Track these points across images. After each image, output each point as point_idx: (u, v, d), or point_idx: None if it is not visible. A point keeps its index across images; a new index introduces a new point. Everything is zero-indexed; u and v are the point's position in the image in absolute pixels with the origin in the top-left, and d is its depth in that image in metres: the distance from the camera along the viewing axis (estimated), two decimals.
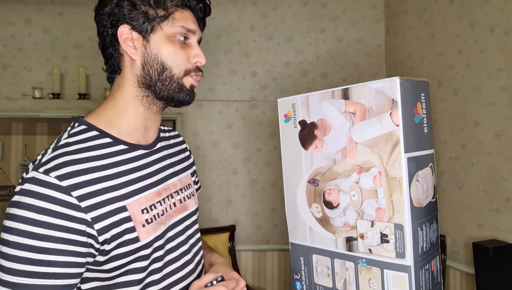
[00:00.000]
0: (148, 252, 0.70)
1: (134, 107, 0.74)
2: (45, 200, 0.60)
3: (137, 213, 0.69)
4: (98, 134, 0.71)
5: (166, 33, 0.72)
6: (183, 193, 0.83)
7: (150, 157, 0.78)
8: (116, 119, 0.74)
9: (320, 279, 0.90)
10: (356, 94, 0.79)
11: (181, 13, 0.74)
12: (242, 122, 2.67)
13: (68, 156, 0.65)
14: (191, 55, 0.75)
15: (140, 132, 0.77)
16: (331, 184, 0.85)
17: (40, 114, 2.53)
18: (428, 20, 2.17)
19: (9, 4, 2.60)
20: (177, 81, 0.74)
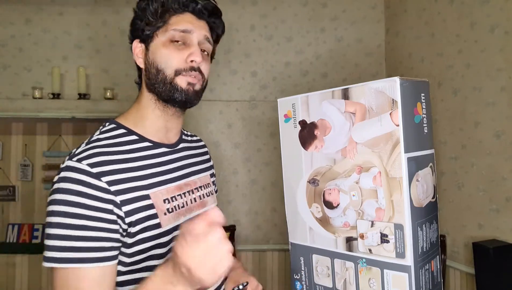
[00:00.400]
0: (167, 239, 0.76)
1: (152, 110, 0.83)
2: (79, 184, 0.68)
3: (159, 202, 0.76)
4: (126, 132, 0.80)
5: (161, 39, 0.79)
6: (202, 190, 0.90)
7: (172, 155, 0.86)
8: (140, 121, 0.83)
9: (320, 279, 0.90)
10: (356, 94, 0.79)
11: (178, 17, 0.80)
12: (242, 122, 2.67)
13: (98, 149, 0.74)
14: (187, 54, 0.79)
15: (162, 133, 0.85)
16: (331, 184, 0.85)
17: (40, 114, 2.52)
18: (428, 20, 2.17)
19: (9, 4, 2.60)
20: (170, 82, 0.78)
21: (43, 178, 2.93)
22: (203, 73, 0.82)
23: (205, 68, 0.83)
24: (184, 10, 0.80)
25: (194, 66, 0.79)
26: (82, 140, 0.81)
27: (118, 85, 2.66)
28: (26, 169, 2.93)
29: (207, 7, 0.83)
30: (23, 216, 2.94)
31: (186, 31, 0.79)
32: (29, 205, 2.95)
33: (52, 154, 2.95)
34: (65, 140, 2.96)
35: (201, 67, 0.81)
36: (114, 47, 2.67)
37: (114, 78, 2.66)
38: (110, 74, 2.67)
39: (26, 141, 2.94)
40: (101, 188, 0.69)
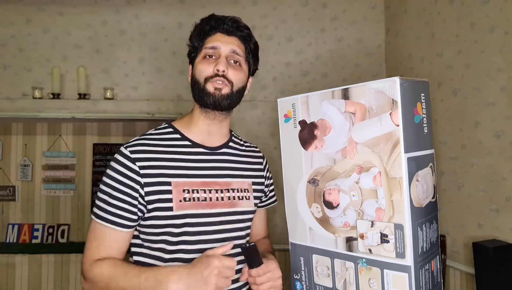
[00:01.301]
0: (179, 222, 0.91)
1: (198, 115, 0.99)
2: (118, 164, 0.91)
3: (178, 190, 0.92)
4: (172, 131, 1.00)
5: (198, 58, 0.98)
6: (235, 193, 1.00)
7: (210, 156, 0.99)
8: (188, 124, 1.01)
9: (320, 279, 0.89)
10: (356, 94, 0.79)
11: (211, 38, 0.97)
12: (242, 122, 2.67)
13: (144, 140, 0.95)
14: (215, 65, 0.94)
15: (205, 136, 1.00)
16: (331, 184, 0.85)
17: (40, 114, 2.53)
18: (428, 20, 2.17)
19: (9, 4, 2.60)
20: (202, 88, 0.94)
21: (43, 178, 2.94)
22: (230, 79, 0.95)
23: (233, 75, 0.95)
24: (215, 31, 0.97)
25: (218, 73, 0.93)
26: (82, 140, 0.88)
27: (118, 85, 2.66)
28: (26, 169, 2.93)
29: (233, 25, 0.98)
30: (23, 216, 2.94)
31: (214, 48, 0.96)
32: (29, 205, 2.95)
33: (52, 154, 2.95)
34: (65, 140, 2.97)
35: (227, 74, 0.94)
36: (114, 47, 2.67)
37: (114, 78, 2.66)
38: (110, 74, 2.67)
39: (26, 141, 2.95)
40: (134, 170, 0.90)
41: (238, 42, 0.99)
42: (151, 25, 2.69)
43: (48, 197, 2.96)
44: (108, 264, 0.88)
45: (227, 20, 0.98)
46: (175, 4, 2.69)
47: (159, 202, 0.90)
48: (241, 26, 1.00)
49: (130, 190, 0.90)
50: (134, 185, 0.90)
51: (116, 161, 0.92)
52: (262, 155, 1.17)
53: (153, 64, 2.67)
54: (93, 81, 2.66)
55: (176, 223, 0.91)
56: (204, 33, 0.98)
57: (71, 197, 3.00)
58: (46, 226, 2.92)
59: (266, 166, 1.16)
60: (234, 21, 0.99)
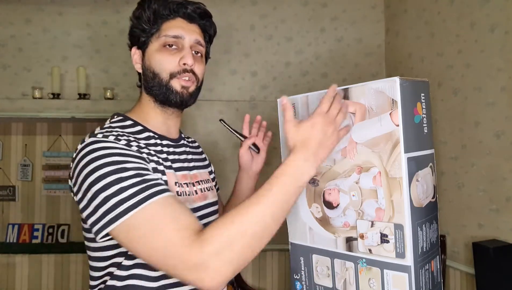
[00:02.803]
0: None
1: (152, 109, 0.88)
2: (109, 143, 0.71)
3: (171, 183, 0.82)
4: (133, 123, 0.86)
5: (155, 45, 0.85)
6: (203, 184, 0.94)
7: (176, 148, 0.91)
8: (143, 117, 0.88)
9: (320, 279, 0.89)
10: (356, 94, 0.79)
11: (169, 23, 0.85)
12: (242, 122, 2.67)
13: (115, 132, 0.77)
14: (179, 58, 0.84)
15: (164, 128, 0.90)
16: (331, 184, 0.85)
17: (40, 114, 2.52)
18: (428, 20, 2.17)
19: (9, 4, 2.60)
20: (165, 85, 0.84)
21: (43, 178, 2.93)
22: (197, 74, 0.86)
23: (198, 69, 0.87)
24: (175, 15, 0.85)
25: (187, 68, 0.84)
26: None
27: (118, 85, 2.66)
28: (26, 169, 2.93)
29: (197, 11, 0.87)
30: (23, 216, 2.94)
31: (177, 37, 0.84)
32: (29, 205, 2.95)
33: (52, 154, 2.95)
34: (65, 140, 2.96)
35: (194, 68, 0.85)
36: (114, 47, 2.66)
37: (114, 78, 2.66)
38: (110, 74, 2.66)
39: (26, 141, 2.94)
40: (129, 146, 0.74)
41: (199, 30, 0.89)
42: None
43: (48, 197, 2.96)
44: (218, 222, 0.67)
45: (189, 5, 0.86)
46: None
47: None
48: (203, 14, 0.89)
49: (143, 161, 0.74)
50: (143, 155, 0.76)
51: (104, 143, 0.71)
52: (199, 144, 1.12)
53: None
54: (93, 81, 2.66)
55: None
56: (160, 16, 0.84)
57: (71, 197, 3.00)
58: (46, 226, 2.92)
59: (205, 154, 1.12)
60: (197, 6, 0.87)
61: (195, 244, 0.63)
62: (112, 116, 0.87)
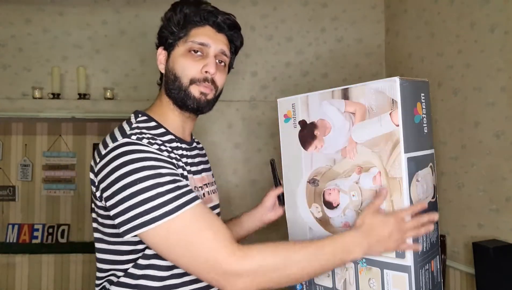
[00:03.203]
0: None
1: (171, 110, 0.89)
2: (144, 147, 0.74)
3: (192, 187, 0.82)
4: (157, 125, 0.86)
5: (181, 49, 0.86)
6: (209, 187, 0.97)
7: (190, 151, 0.94)
8: (163, 117, 0.89)
9: (320, 279, 0.89)
10: (356, 94, 0.79)
11: (198, 30, 0.86)
12: (242, 122, 2.67)
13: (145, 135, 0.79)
14: (202, 65, 0.85)
15: (181, 131, 0.92)
16: (331, 184, 0.85)
17: (40, 114, 2.52)
18: (428, 20, 2.17)
19: (9, 4, 2.60)
20: (184, 90, 0.85)
21: (43, 178, 2.93)
22: (217, 83, 0.88)
23: (219, 79, 0.88)
24: (204, 23, 0.87)
25: (207, 77, 0.85)
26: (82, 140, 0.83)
27: (118, 85, 2.66)
28: (26, 169, 2.93)
29: (226, 22, 0.90)
30: (23, 216, 2.94)
31: (203, 44, 0.86)
32: (29, 205, 2.95)
33: (52, 154, 2.95)
34: (65, 140, 2.96)
35: (215, 78, 0.87)
36: (114, 47, 2.66)
37: (114, 78, 2.66)
38: (110, 74, 2.66)
39: (26, 141, 2.94)
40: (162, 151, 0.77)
41: (226, 40, 0.91)
42: (151, 25, 2.67)
43: (48, 197, 2.96)
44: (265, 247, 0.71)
45: (220, 15, 0.89)
46: None
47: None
48: (232, 25, 0.92)
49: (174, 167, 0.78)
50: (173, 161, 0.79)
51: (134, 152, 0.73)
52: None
53: (153, 64, 2.65)
54: (93, 81, 2.65)
55: None
56: (190, 22, 0.86)
57: (71, 197, 3.00)
58: (46, 226, 2.92)
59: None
60: (227, 17, 0.91)
61: (237, 255, 0.69)
62: (136, 115, 0.88)
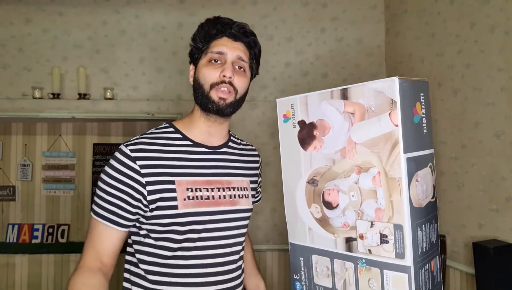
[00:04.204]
0: (184, 220, 0.91)
1: (199, 117, 1.00)
2: (119, 162, 0.90)
3: (182, 189, 0.92)
4: (174, 130, 1.00)
5: (203, 61, 0.98)
6: (236, 191, 1.02)
7: (211, 155, 1.01)
8: (189, 125, 1.01)
9: (320, 280, 0.89)
10: (355, 94, 0.79)
11: (217, 41, 0.97)
12: (242, 122, 2.67)
13: (145, 139, 0.95)
14: (221, 71, 0.94)
15: (205, 136, 1.01)
16: (330, 184, 0.85)
17: (40, 114, 2.53)
18: (428, 20, 2.17)
19: (9, 4, 2.60)
20: (206, 95, 0.95)
21: (43, 178, 2.94)
22: (236, 86, 0.96)
23: (238, 82, 0.97)
24: (222, 35, 0.98)
25: (225, 80, 0.94)
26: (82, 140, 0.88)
27: (118, 85, 2.66)
28: (26, 169, 2.93)
29: (240, 31, 0.99)
30: (23, 216, 2.94)
31: (220, 53, 0.96)
32: (29, 205, 2.95)
33: (52, 154, 2.95)
34: (65, 140, 2.97)
35: (233, 81, 0.95)
36: (114, 47, 2.67)
37: (114, 78, 2.66)
38: (110, 74, 2.67)
39: (26, 141, 2.95)
40: (134, 169, 0.89)
41: (243, 47, 1.00)
42: (151, 25, 2.69)
43: (48, 197, 2.96)
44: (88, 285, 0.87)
45: (235, 25, 0.99)
46: (175, 4, 2.69)
47: (163, 201, 0.91)
48: (247, 32, 1.01)
49: (130, 190, 0.89)
50: (135, 184, 0.89)
51: (116, 160, 0.91)
52: (258, 154, 1.19)
53: (153, 64, 2.67)
54: (93, 81, 2.66)
55: (182, 221, 0.91)
56: (209, 35, 0.98)
57: (71, 197, 3.00)
58: (46, 226, 2.92)
59: (260, 165, 1.19)
60: (241, 27, 1.00)
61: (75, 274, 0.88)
62: (162, 123, 1.02)
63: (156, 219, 0.92)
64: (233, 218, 1.00)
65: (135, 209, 0.91)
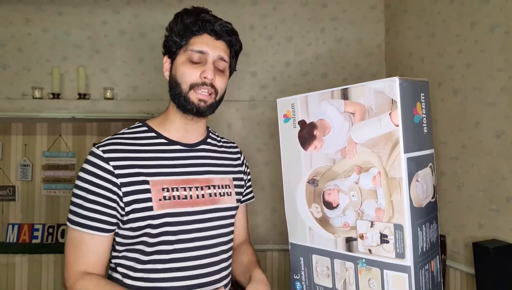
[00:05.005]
0: (158, 222, 0.87)
1: (174, 114, 0.96)
2: (91, 165, 0.86)
3: (157, 189, 0.88)
4: (147, 129, 0.96)
5: (182, 57, 0.92)
6: (216, 189, 0.97)
7: (188, 153, 0.96)
8: (163, 122, 0.97)
9: (320, 279, 0.89)
10: (356, 94, 0.79)
11: (197, 38, 0.92)
12: (242, 122, 2.67)
13: (117, 140, 0.91)
14: (201, 71, 0.90)
15: (182, 134, 0.97)
16: (330, 184, 0.85)
17: (40, 114, 2.52)
18: (428, 20, 2.17)
19: (9, 4, 2.60)
20: (184, 96, 0.91)
21: (43, 178, 2.93)
22: (216, 87, 0.93)
23: (219, 83, 0.93)
24: (202, 32, 0.92)
25: (206, 82, 0.90)
26: (82, 140, 0.88)
27: (118, 85, 2.66)
28: (26, 169, 2.93)
29: (223, 29, 0.94)
30: (23, 216, 2.94)
31: (202, 52, 0.91)
32: (29, 205, 2.95)
33: (52, 154, 2.94)
34: (65, 140, 2.96)
35: (214, 82, 0.92)
36: (114, 47, 2.66)
37: (114, 78, 2.66)
38: (110, 74, 2.66)
39: (26, 141, 2.94)
40: (108, 170, 0.85)
41: (225, 46, 0.96)
42: (151, 25, 2.68)
43: (48, 197, 2.96)
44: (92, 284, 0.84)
45: (217, 23, 0.93)
46: (174, 4, 2.69)
47: (138, 203, 0.86)
48: (230, 31, 0.96)
49: (106, 192, 0.85)
50: (110, 186, 0.85)
51: (88, 162, 0.87)
52: (240, 150, 1.14)
53: (152, 64, 2.67)
54: (92, 81, 2.66)
55: (155, 224, 0.87)
56: (189, 31, 0.92)
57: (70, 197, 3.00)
58: (46, 226, 2.92)
59: (244, 161, 1.13)
60: (224, 25, 0.95)
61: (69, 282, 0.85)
62: (135, 123, 0.99)
63: (131, 223, 0.87)
64: (214, 218, 0.95)
65: (113, 212, 0.86)
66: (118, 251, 0.91)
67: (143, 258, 0.88)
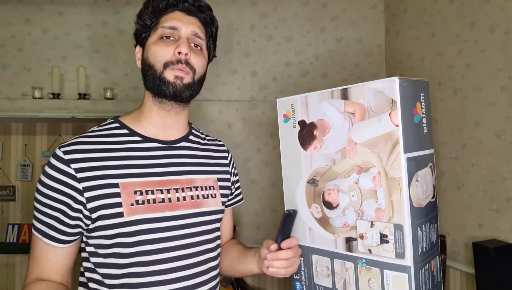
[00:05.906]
0: (131, 229, 0.77)
1: (150, 107, 0.86)
2: (51, 167, 0.77)
3: (128, 192, 0.78)
4: (119, 126, 0.85)
5: (153, 38, 0.85)
6: (198, 191, 0.87)
7: (166, 151, 0.86)
8: (138, 118, 0.87)
9: (320, 280, 0.89)
10: (355, 94, 0.79)
11: (167, 16, 0.85)
12: (242, 122, 2.67)
13: (82, 139, 0.80)
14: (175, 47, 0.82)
15: (159, 130, 0.87)
16: (330, 184, 0.85)
17: (40, 114, 2.52)
18: (428, 20, 2.17)
19: (9, 4, 2.60)
20: (159, 76, 0.82)
21: None
22: (193, 65, 0.83)
23: (196, 61, 0.84)
24: (173, 9, 0.85)
25: (181, 58, 0.81)
26: None
27: (118, 85, 2.66)
28: (26, 169, 2.93)
29: (195, 4, 0.86)
30: (23, 216, 2.94)
31: (173, 28, 0.83)
32: (29, 205, 2.95)
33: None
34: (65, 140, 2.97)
35: (190, 59, 0.82)
36: (114, 47, 2.66)
37: (114, 78, 2.66)
38: (110, 74, 2.66)
39: (26, 141, 2.94)
40: (68, 173, 0.76)
41: (199, 23, 0.87)
42: None
43: None
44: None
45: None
46: None
47: (106, 208, 0.76)
48: (203, 7, 0.88)
49: (67, 198, 0.76)
50: (71, 192, 0.75)
51: (50, 165, 0.77)
52: (227, 149, 1.03)
53: None
54: (93, 81, 2.66)
55: (129, 231, 0.76)
56: (159, 10, 0.85)
57: None
58: None
59: (231, 161, 1.02)
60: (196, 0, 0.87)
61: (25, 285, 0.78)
62: (107, 120, 0.89)
63: (100, 231, 0.77)
64: (197, 223, 0.84)
65: (74, 221, 0.77)
66: (91, 262, 0.80)
67: (117, 272, 0.77)
